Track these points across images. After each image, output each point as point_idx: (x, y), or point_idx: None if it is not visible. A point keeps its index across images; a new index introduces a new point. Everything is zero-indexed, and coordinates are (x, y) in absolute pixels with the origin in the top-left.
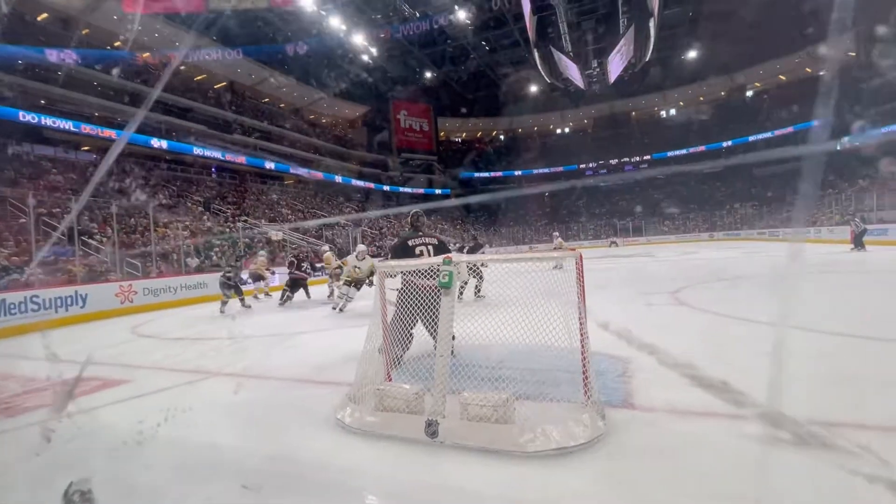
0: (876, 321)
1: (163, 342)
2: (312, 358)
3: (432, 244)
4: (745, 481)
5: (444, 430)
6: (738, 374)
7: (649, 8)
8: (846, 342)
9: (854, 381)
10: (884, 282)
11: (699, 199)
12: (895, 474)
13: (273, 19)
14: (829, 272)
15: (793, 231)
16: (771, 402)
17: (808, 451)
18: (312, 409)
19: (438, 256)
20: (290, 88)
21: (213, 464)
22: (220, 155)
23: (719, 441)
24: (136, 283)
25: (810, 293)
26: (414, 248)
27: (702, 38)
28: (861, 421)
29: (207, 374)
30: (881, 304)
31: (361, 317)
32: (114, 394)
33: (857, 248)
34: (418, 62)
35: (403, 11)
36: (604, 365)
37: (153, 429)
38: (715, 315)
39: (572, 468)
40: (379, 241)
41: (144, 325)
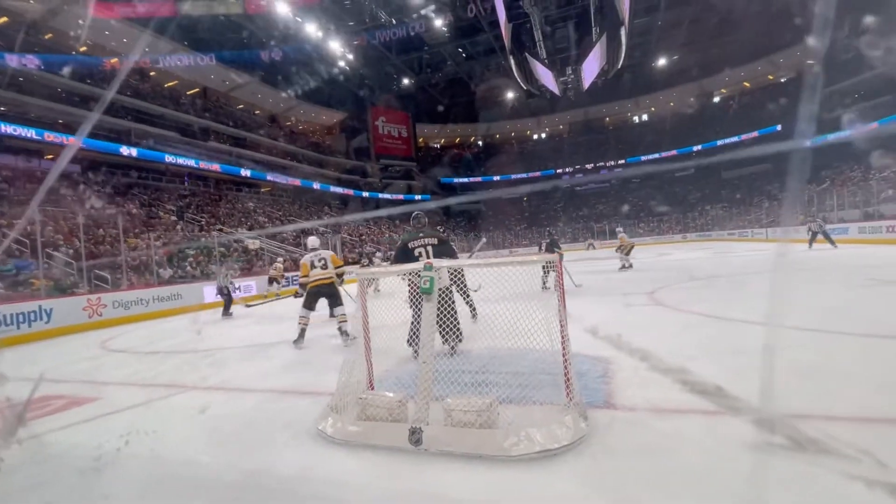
0: (831, 316)
1: (134, 356)
2: (292, 368)
3: (431, 244)
4: (727, 478)
5: (428, 437)
6: (713, 371)
7: (620, 17)
8: (806, 336)
9: (817, 373)
10: (838, 278)
11: (672, 202)
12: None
13: (247, 25)
14: (796, 270)
15: (781, 230)
16: (748, 398)
17: (793, 452)
18: (293, 421)
19: (419, 263)
20: (266, 95)
21: (189, 481)
22: (193, 162)
23: (699, 438)
24: (105, 296)
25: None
26: (413, 251)
27: (670, 46)
28: (827, 412)
29: (182, 388)
30: (835, 299)
31: None
32: (82, 412)
33: (811, 248)
34: (396, 69)
35: (379, 18)
36: (585, 366)
37: (124, 447)
38: (690, 314)
39: (556, 470)
40: (359, 248)
41: (115, 340)
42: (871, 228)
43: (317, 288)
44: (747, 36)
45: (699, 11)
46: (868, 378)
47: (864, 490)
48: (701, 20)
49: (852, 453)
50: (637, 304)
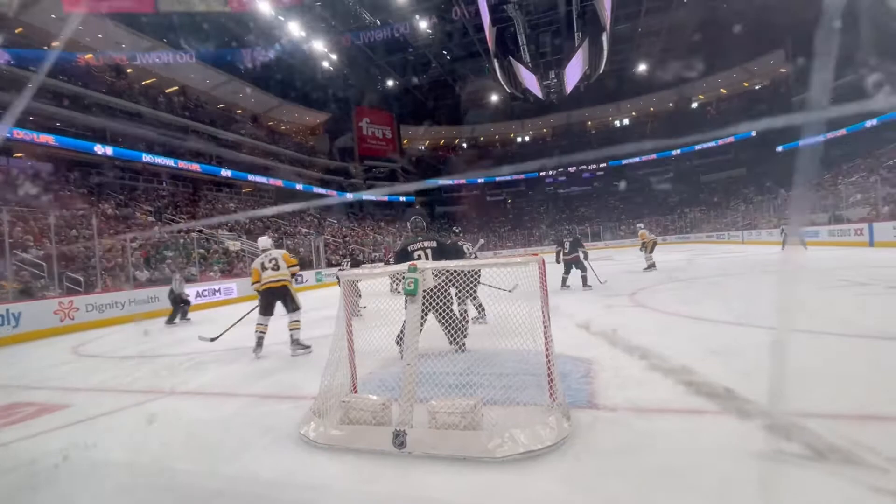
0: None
1: (109, 361)
2: (273, 372)
3: (430, 247)
4: (707, 475)
5: (413, 440)
6: (695, 371)
7: (602, 23)
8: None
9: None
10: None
11: (652, 205)
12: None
13: (228, 23)
14: (769, 272)
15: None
16: (728, 396)
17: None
18: (274, 426)
19: (403, 264)
20: (248, 94)
21: (165, 489)
22: (172, 162)
23: (679, 437)
24: (77, 299)
25: (754, 291)
26: (412, 253)
27: (650, 53)
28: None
29: (160, 393)
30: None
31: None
32: (53, 419)
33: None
34: (380, 70)
35: (364, 19)
36: (568, 367)
37: (98, 455)
38: (670, 315)
39: (540, 471)
40: (342, 250)
41: (88, 344)
42: (840, 231)
43: (268, 291)
44: (724, 44)
45: (678, 19)
46: (841, 375)
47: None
48: (679, 28)
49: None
50: (618, 306)
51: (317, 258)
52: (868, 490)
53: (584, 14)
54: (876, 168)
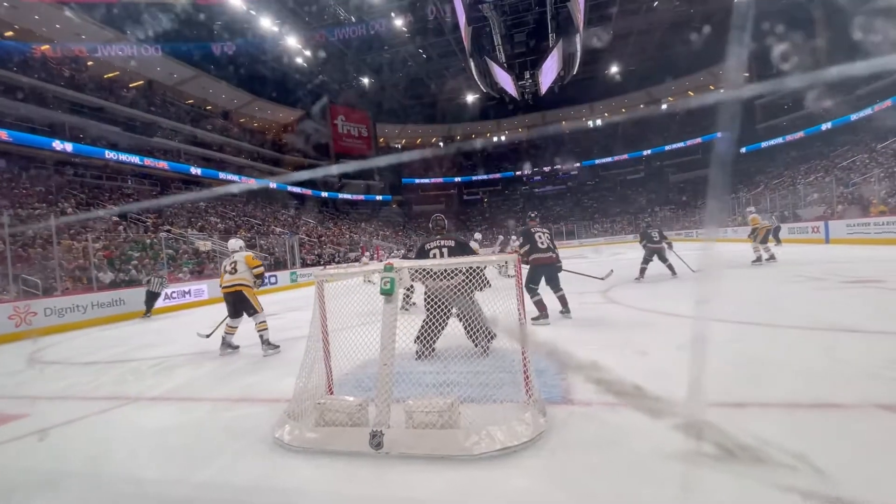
0: (771, 310)
1: (70, 368)
2: (245, 374)
3: (448, 246)
4: (674, 466)
5: (389, 440)
6: (663, 364)
7: (575, 24)
8: (748, 329)
9: (756, 364)
10: (771, 275)
11: (624, 203)
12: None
13: (197, 16)
14: (735, 268)
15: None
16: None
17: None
18: (248, 430)
19: (379, 263)
20: (218, 90)
21: (133, 499)
22: (137, 159)
23: (653, 429)
24: (34, 303)
25: (721, 287)
26: (429, 252)
27: (622, 55)
28: (764, 400)
29: (126, 399)
30: (774, 294)
31: (299, 328)
32: (10, 430)
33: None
34: (355, 68)
35: (339, 15)
36: (543, 363)
37: (59, 466)
38: (641, 311)
39: (517, 467)
40: (318, 250)
41: (46, 350)
42: (799, 229)
43: (226, 295)
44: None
45: (646, 24)
46: (798, 366)
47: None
48: (648, 32)
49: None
50: (591, 303)
51: (292, 258)
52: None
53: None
54: (831, 169)
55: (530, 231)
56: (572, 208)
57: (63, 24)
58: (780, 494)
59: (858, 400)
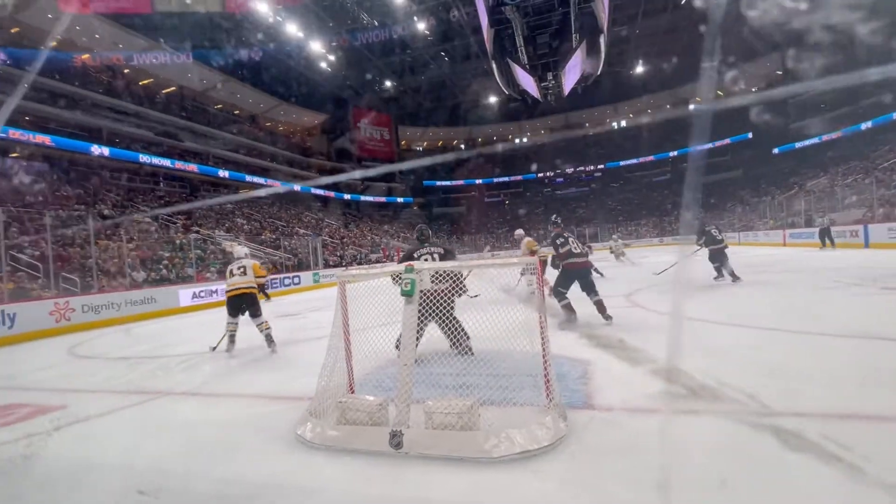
0: (804, 317)
1: (105, 362)
2: (271, 373)
3: (438, 253)
4: (699, 472)
5: (409, 440)
6: (689, 372)
7: (599, 25)
8: (778, 336)
9: (783, 371)
10: (804, 280)
11: (649, 206)
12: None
13: (226, 23)
14: (764, 272)
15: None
16: (715, 396)
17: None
18: (271, 427)
19: (402, 264)
20: (246, 95)
21: (160, 490)
22: (169, 163)
23: (675, 436)
24: (73, 300)
25: (747, 292)
26: (420, 258)
27: (648, 54)
28: (798, 409)
29: (156, 394)
30: (809, 301)
31: (321, 328)
32: (48, 420)
33: (825, 247)
34: (378, 71)
35: (362, 20)
36: (565, 368)
37: (93, 456)
38: (667, 316)
39: (537, 471)
40: (340, 251)
41: (84, 345)
42: (836, 233)
43: (235, 296)
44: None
45: (674, 22)
46: (831, 375)
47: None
48: (676, 30)
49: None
50: (615, 307)
51: (314, 259)
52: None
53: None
54: (871, 170)
55: (564, 234)
56: (595, 211)
57: (102, 34)
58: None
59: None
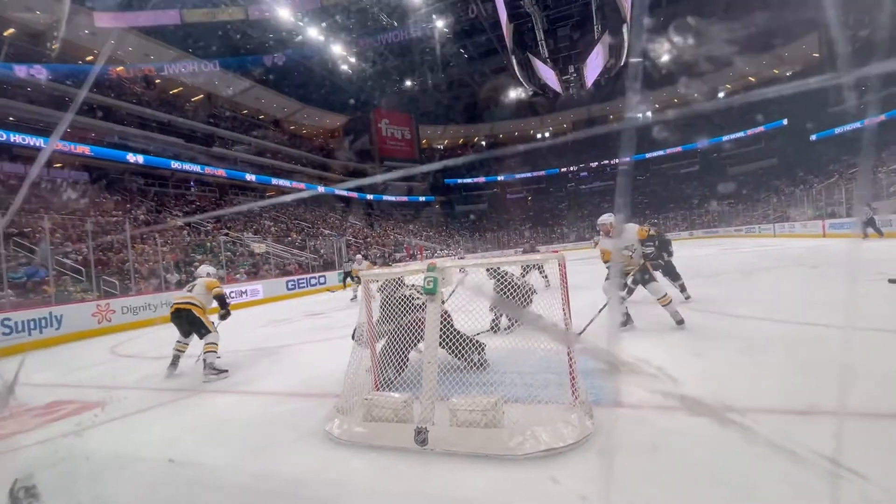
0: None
1: (144, 361)
2: (299, 371)
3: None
4: (733, 473)
5: (434, 437)
6: (719, 369)
7: (622, 14)
8: (816, 332)
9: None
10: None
11: (677, 199)
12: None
13: (249, 31)
14: (800, 265)
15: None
16: (749, 394)
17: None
18: (300, 423)
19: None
20: (269, 100)
21: (196, 483)
22: (198, 168)
23: (705, 434)
24: (113, 302)
25: (783, 285)
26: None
27: (674, 42)
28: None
29: (191, 391)
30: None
31: (347, 327)
32: (92, 417)
33: (868, 235)
34: (398, 71)
35: (381, 21)
36: (590, 365)
37: (134, 449)
38: (695, 311)
39: (562, 469)
40: (364, 251)
41: (124, 345)
42: (882, 222)
43: (171, 312)
44: (751, 30)
45: (701, 7)
46: (874, 374)
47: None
48: (703, 16)
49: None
50: (643, 303)
51: (339, 259)
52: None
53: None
54: None
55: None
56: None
57: (134, 46)
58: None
59: None
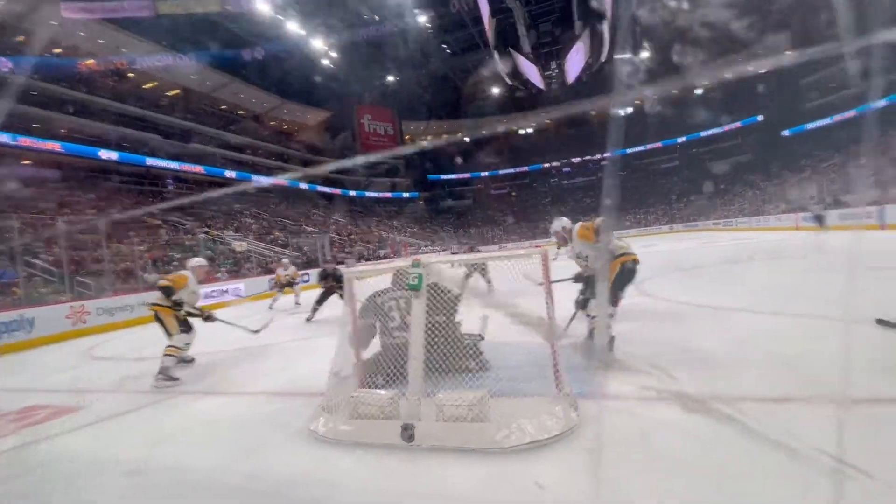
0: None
1: (121, 363)
2: (284, 370)
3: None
4: (714, 462)
5: (421, 433)
6: (699, 360)
7: (602, 11)
8: (787, 322)
9: (798, 359)
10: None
11: (658, 193)
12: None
13: (227, 24)
14: (776, 258)
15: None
16: (730, 385)
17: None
18: (286, 423)
19: (407, 259)
20: (249, 95)
21: (181, 485)
22: (176, 165)
23: (685, 425)
24: (88, 303)
25: (758, 277)
26: (384, 305)
27: (653, 39)
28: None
29: (173, 393)
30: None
31: (331, 324)
32: (68, 421)
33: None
34: (380, 66)
35: (362, 15)
36: (575, 358)
37: (114, 454)
38: (677, 304)
39: (548, 460)
40: (348, 248)
41: (100, 347)
42: (852, 215)
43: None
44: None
45: (679, 4)
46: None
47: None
48: (681, 13)
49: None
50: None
51: (322, 256)
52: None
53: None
54: (887, 149)
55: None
56: (603, 200)
57: (106, 39)
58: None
59: None
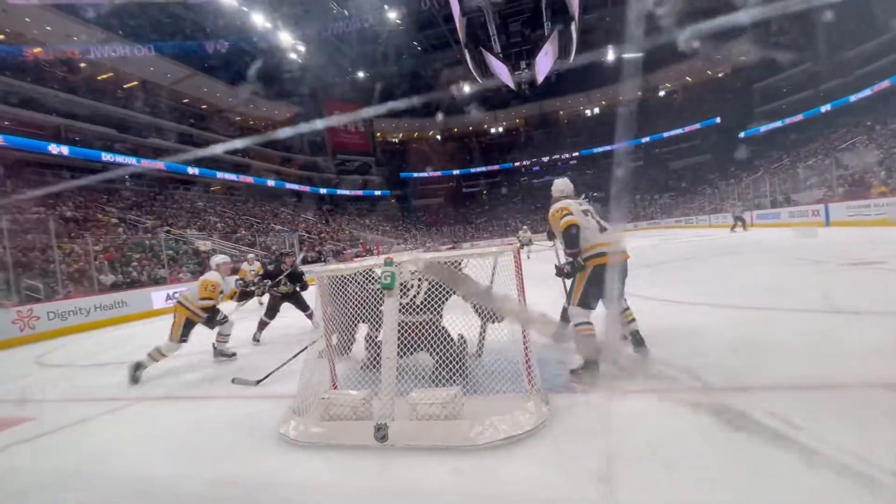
0: (773, 294)
1: (74, 370)
2: (250, 372)
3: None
4: (680, 450)
5: (394, 432)
6: (666, 353)
7: (570, 12)
8: (749, 314)
9: (754, 347)
10: (771, 258)
11: (624, 192)
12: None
13: (189, 15)
14: (732, 253)
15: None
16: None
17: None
18: (254, 427)
19: (380, 257)
20: (213, 89)
21: (145, 497)
22: (134, 161)
23: (650, 416)
24: (37, 307)
25: (718, 272)
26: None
27: (619, 42)
28: (767, 383)
29: (131, 400)
30: (775, 278)
31: (302, 324)
32: (16, 433)
33: (734, 230)
34: (351, 62)
35: (331, 9)
36: (544, 354)
37: (69, 467)
38: (643, 299)
39: (521, 455)
40: (318, 246)
41: (51, 354)
42: (800, 213)
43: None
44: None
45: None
46: (802, 349)
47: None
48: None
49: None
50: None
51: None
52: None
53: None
54: (831, 151)
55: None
56: None
57: (54, 27)
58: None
59: (858, 380)
